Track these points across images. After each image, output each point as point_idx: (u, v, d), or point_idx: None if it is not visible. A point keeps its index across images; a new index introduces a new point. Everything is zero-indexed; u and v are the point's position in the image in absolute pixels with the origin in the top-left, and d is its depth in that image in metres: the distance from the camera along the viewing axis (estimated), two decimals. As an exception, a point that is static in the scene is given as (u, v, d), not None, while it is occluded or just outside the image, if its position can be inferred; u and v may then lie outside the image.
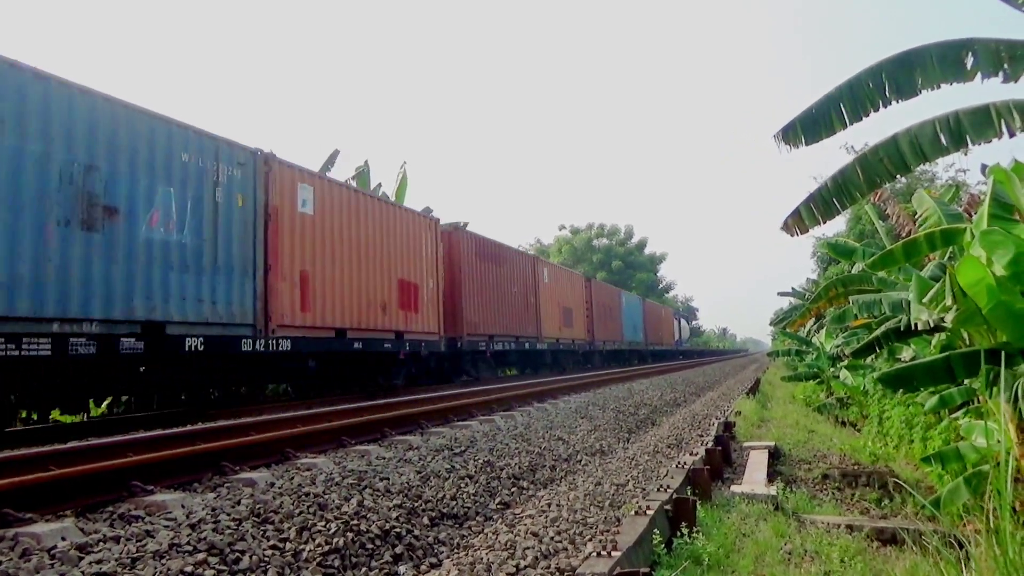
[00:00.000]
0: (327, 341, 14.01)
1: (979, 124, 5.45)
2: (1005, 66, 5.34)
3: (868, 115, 5.82)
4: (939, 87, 5.55)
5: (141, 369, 10.87)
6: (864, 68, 5.85)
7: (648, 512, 4.98)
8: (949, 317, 5.11)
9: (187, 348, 10.44)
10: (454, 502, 5.77)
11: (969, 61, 5.44)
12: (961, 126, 5.51)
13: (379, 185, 31.70)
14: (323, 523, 4.66)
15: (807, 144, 6.09)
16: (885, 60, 5.75)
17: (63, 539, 4.35)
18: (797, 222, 6.52)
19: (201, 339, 10.68)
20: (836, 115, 5.89)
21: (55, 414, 11.77)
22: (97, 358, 9.13)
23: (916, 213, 8.53)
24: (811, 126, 6.02)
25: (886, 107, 5.75)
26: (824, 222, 6.40)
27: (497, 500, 6.16)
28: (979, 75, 5.44)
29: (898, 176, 6.07)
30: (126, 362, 10.36)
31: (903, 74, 5.61)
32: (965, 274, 4.67)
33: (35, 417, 11.49)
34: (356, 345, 14.79)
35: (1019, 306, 4.70)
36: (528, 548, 4.47)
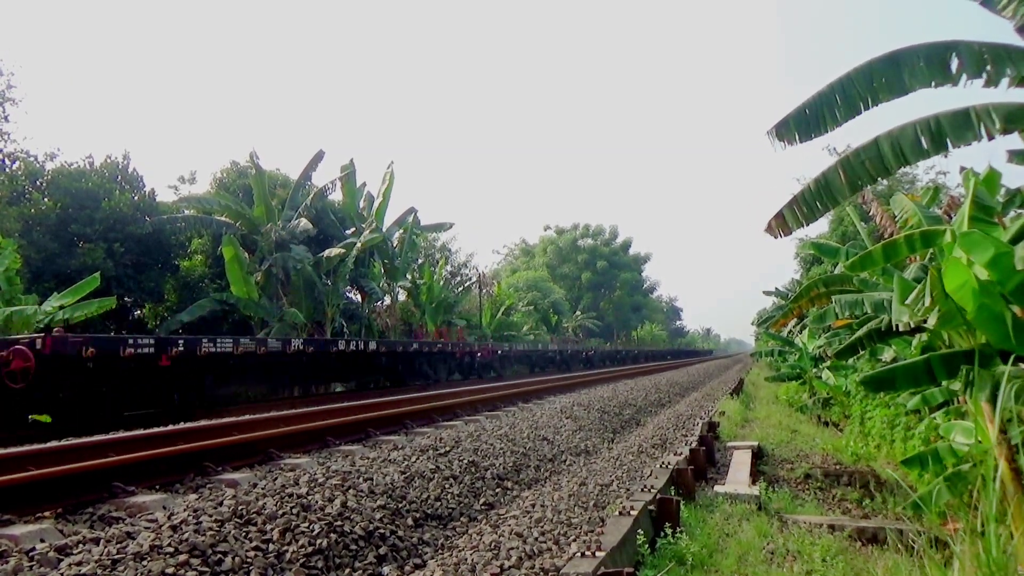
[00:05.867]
0: None
1: (959, 127, 5.50)
2: (988, 67, 5.40)
3: (860, 112, 5.84)
4: (928, 87, 5.59)
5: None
6: (854, 67, 5.88)
7: (632, 512, 4.99)
8: (931, 318, 5.16)
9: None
10: (438, 503, 5.76)
11: (954, 63, 5.49)
12: (941, 129, 5.56)
13: (363, 184, 31.64)
14: (307, 524, 4.63)
15: (801, 141, 6.07)
16: (875, 59, 5.78)
17: (42, 540, 4.31)
18: (780, 224, 6.53)
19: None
20: (828, 113, 5.90)
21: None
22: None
23: (897, 213, 8.61)
24: (804, 123, 6.03)
25: (876, 105, 5.78)
26: (807, 224, 6.41)
27: (481, 501, 6.15)
28: (963, 76, 5.49)
29: (880, 178, 6.10)
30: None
31: (892, 73, 5.65)
32: (951, 278, 4.70)
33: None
34: None
35: (999, 308, 4.74)
36: (512, 549, 4.47)
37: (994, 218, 5.60)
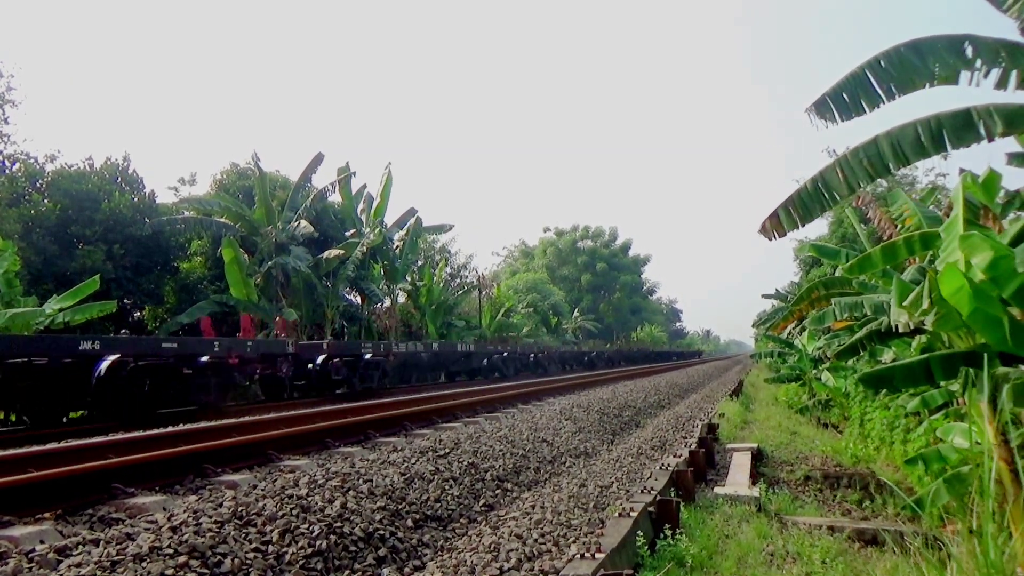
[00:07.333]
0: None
1: (960, 128, 5.49)
2: (1002, 55, 5.38)
3: (894, 98, 5.77)
4: (950, 74, 5.56)
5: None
6: (882, 51, 5.82)
7: (632, 514, 4.99)
8: (929, 320, 5.16)
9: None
10: (438, 504, 5.76)
11: (969, 51, 5.48)
12: (942, 129, 5.54)
13: (364, 187, 31.64)
14: (306, 526, 4.63)
15: (841, 120, 5.95)
16: (900, 44, 5.74)
17: (42, 542, 4.31)
18: (775, 224, 6.40)
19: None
20: (865, 94, 5.79)
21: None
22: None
23: (896, 215, 8.62)
24: (842, 103, 5.93)
25: (906, 93, 5.73)
26: (803, 224, 6.32)
27: (481, 502, 6.15)
28: (983, 66, 5.46)
29: (878, 179, 6.07)
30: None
31: (918, 59, 5.62)
32: (946, 282, 4.71)
33: (12, 419, 11.37)
34: None
35: (995, 312, 4.75)
36: (512, 550, 4.47)
37: (984, 221, 5.61)
